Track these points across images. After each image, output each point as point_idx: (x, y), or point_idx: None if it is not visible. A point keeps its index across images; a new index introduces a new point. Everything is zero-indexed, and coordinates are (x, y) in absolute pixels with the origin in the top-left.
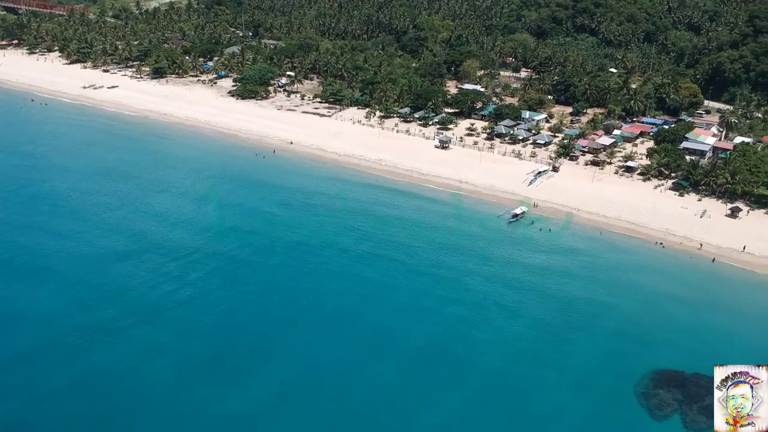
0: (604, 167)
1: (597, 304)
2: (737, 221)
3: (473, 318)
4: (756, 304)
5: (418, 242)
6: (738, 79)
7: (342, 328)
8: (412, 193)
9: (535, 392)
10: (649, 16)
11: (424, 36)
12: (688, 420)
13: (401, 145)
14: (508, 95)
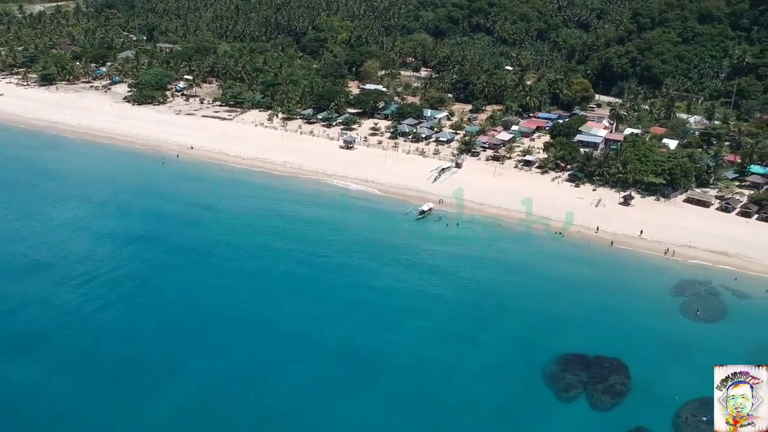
0: (504, 162)
1: (504, 294)
2: (630, 208)
3: (385, 316)
4: (652, 285)
5: (326, 242)
6: (625, 73)
7: (255, 330)
8: (319, 193)
9: (447, 383)
10: (540, 14)
11: (323, 37)
12: (593, 400)
13: (306, 147)
14: (409, 94)
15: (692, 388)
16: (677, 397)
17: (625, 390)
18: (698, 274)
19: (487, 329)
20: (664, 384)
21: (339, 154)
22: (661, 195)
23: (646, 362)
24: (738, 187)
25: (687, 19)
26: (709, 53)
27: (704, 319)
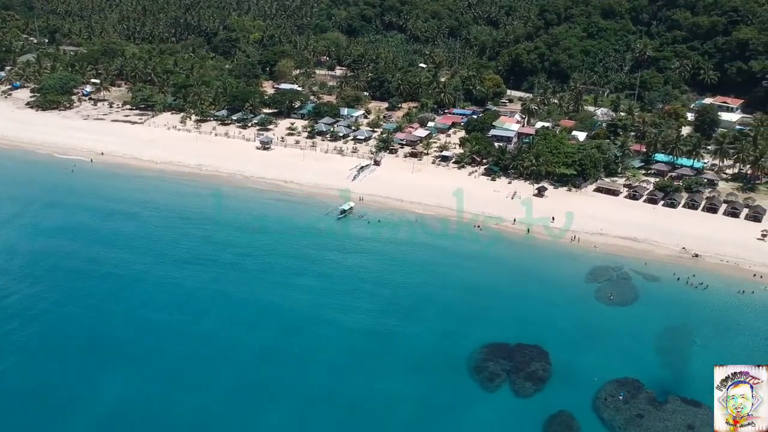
0: (422, 158)
1: (425, 288)
2: (544, 199)
3: (309, 316)
4: (568, 272)
5: (245, 246)
6: (535, 68)
7: (170, 339)
8: (237, 196)
9: (372, 379)
10: (451, 12)
11: (235, 37)
12: (516, 388)
13: (221, 149)
14: (325, 93)
15: (609, 369)
16: (596, 379)
17: (546, 375)
18: (610, 260)
19: (410, 324)
20: (583, 367)
21: (256, 155)
22: (573, 185)
23: (565, 347)
24: (644, 175)
25: (591, 15)
26: (612, 47)
27: (617, 303)
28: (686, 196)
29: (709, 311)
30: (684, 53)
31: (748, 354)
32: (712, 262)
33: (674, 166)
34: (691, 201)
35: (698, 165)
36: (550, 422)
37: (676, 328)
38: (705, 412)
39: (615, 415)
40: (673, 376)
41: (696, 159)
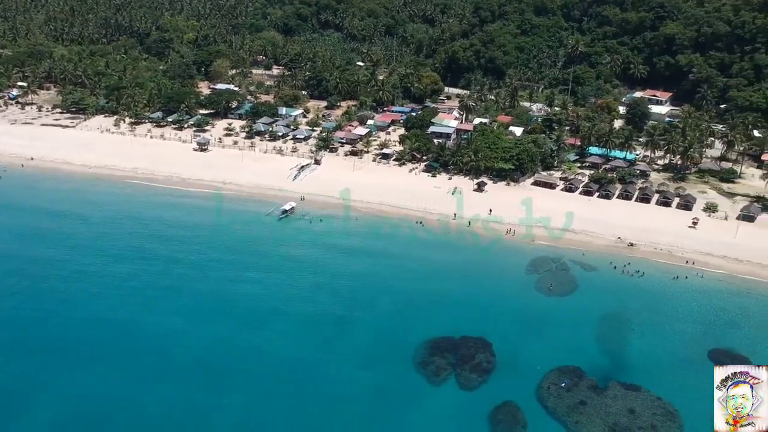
0: (362, 156)
1: (369, 286)
2: (484, 194)
3: (250, 317)
4: (509, 265)
5: (184, 249)
6: (471, 65)
7: (107, 345)
8: (174, 199)
9: (319, 379)
10: (387, 10)
11: (169, 37)
12: (462, 380)
13: (157, 151)
14: (262, 93)
15: (551, 358)
16: (539, 368)
17: (491, 367)
18: (550, 251)
19: (355, 321)
20: (526, 357)
21: (193, 157)
22: (511, 180)
23: (508, 338)
24: (579, 168)
25: (524, 12)
26: (546, 44)
27: (557, 293)
28: (620, 188)
29: (646, 298)
30: (614, 48)
31: (683, 339)
32: (646, 251)
33: (608, 159)
34: (625, 192)
35: (631, 157)
36: (496, 413)
37: (615, 315)
38: (644, 395)
39: (558, 403)
40: (613, 363)
41: (628, 151)
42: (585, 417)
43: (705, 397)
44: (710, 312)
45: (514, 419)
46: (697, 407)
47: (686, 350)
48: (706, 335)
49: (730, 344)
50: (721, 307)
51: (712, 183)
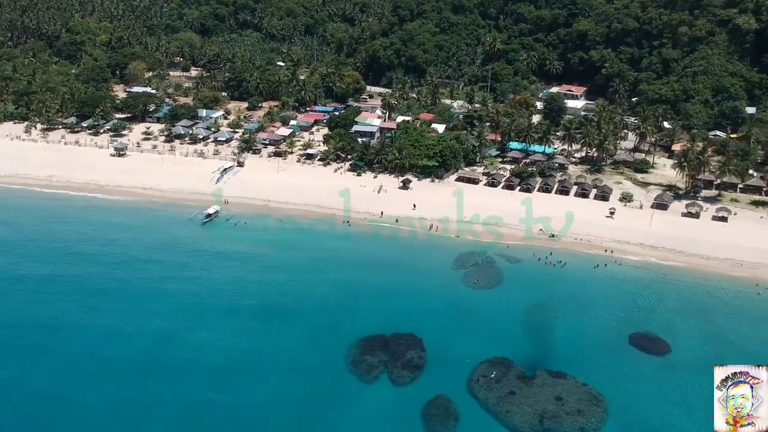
0: (286, 157)
1: (298, 287)
2: (409, 191)
3: (176, 326)
4: (437, 260)
5: (102, 259)
6: (392, 64)
7: (32, 361)
8: (92, 206)
9: (251, 382)
10: (306, 10)
11: (80, 40)
12: (394, 377)
13: (72, 158)
14: (181, 95)
15: (481, 350)
16: (468, 361)
17: (422, 363)
18: (476, 246)
19: (285, 323)
20: (456, 351)
21: (111, 163)
22: (436, 176)
23: (438, 333)
24: (501, 163)
25: (442, 10)
26: (464, 41)
27: (484, 286)
28: (540, 181)
29: (568, 287)
30: (530, 45)
31: (605, 325)
32: (567, 241)
33: (527, 153)
34: (545, 185)
35: (549, 151)
36: (429, 407)
37: (540, 305)
38: (570, 382)
39: (489, 394)
40: (539, 352)
41: (547, 145)
42: (515, 406)
43: (628, 380)
44: (629, 298)
45: (447, 413)
46: (621, 390)
47: (608, 336)
48: (626, 321)
49: (650, 328)
50: (640, 293)
51: (627, 174)
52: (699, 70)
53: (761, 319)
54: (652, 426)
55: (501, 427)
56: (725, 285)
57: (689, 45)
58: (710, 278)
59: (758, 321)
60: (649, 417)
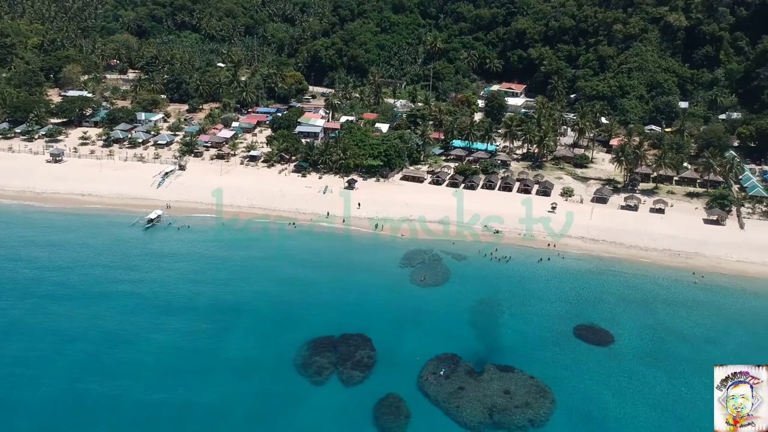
0: (229, 159)
1: (245, 290)
2: (355, 191)
3: (122, 332)
4: (384, 260)
5: (41, 264)
6: (334, 64)
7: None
8: (29, 215)
9: (199, 389)
10: (246, 10)
11: (11, 43)
12: (344, 378)
13: (5, 165)
14: (119, 98)
15: (430, 347)
16: (418, 359)
17: (372, 362)
18: (422, 243)
19: (232, 327)
20: (406, 349)
21: (47, 169)
22: (381, 176)
23: (387, 332)
24: (444, 161)
25: (383, 10)
26: (405, 41)
27: (431, 283)
28: (484, 178)
29: (514, 282)
30: (470, 44)
31: (550, 318)
32: (511, 237)
33: (470, 151)
34: (489, 182)
35: (492, 148)
36: (380, 406)
37: (486, 301)
38: (518, 375)
39: (439, 391)
40: (487, 347)
41: (489, 143)
42: (464, 401)
43: (573, 371)
44: (573, 291)
45: (398, 411)
46: (567, 382)
47: (554, 329)
48: (570, 313)
49: (593, 320)
50: (583, 286)
51: (567, 169)
52: (634, 67)
53: (698, 305)
54: (599, 415)
55: (451, 422)
56: (664, 274)
57: (624, 42)
58: (650, 268)
59: (696, 307)
60: (595, 406)
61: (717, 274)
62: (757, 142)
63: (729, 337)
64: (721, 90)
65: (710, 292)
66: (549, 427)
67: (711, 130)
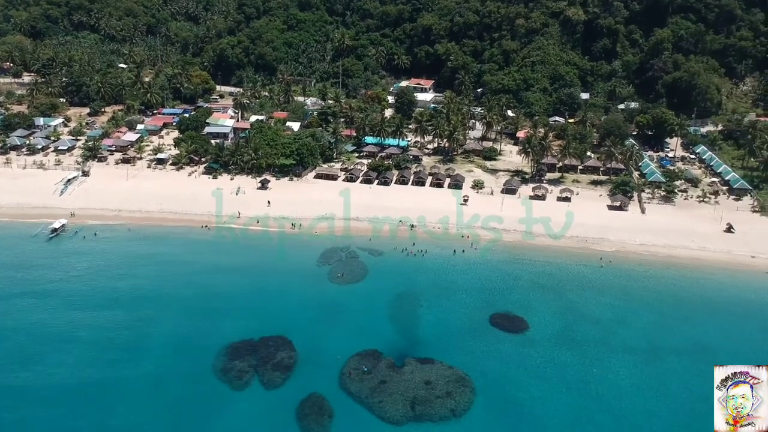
0: (135, 163)
1: (159, 297)
2: (268, 192)
3: (27, 348)
4: (301, 259)
5: None
6: (241, 62)
7: None
8: None
9: (115, 402)
10: (147, 9)
11: None
12: (265, 380)
13: None
14: (14, 103)
15: (350, 345)
16: (339, 356)
17: (292, 363)
18: (338, 241)
19: (146, 338)
20: (326, 348)
21: None
22: (294, 174)
23: (307, 332)
24: (357, 158)
25: (289, 7)
26: (313, 38)
27: (349, 281)
28: (397, 173)
29: (431, 275)
30: (378, 41)
31: (466, 308)
32: (427, 230)
33: (383, 147)
34: (402, 177)
35: (403, 143)
36: (302, 406)
37: (404, 295)
38: (438, 366)
39: (361, 387)
40: (407, 340)
41: (401, 138)
42: (387, 396)
43: (491, 359)
44: (488, 281)
45: (321, 410)
46: (486, 370)
47: (471, 319)
48: (486, 302)
49: (507, 308)
50: (497, 275)
51: (477, 162)
52: (537, 60)
53: (605, 288)
54: (517, 399)
55: (375, 418)
56: (572, 260)
57: (526, 36)
58: (559, 255)
59: (603, 290)
60: (514, 391)
61: (622, 258)
62: (654, 130)
63: (636, 317)
64: (619, 81)
65: (617, 275)
66: (470, 414)
67: (611, 119)
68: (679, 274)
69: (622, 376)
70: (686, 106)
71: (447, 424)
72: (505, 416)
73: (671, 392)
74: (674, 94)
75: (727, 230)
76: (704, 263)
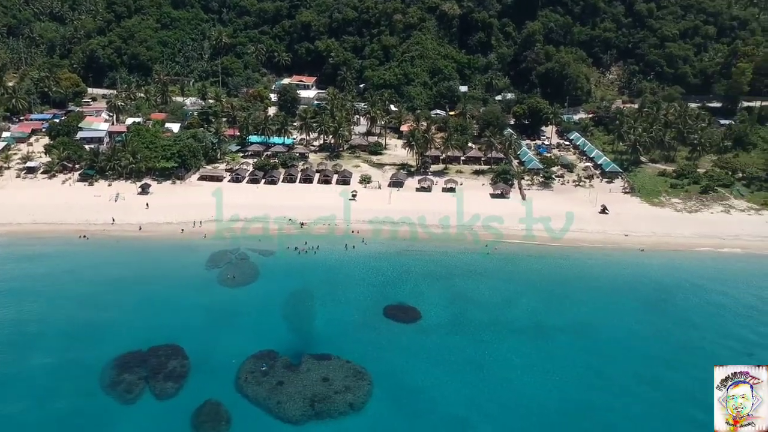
0: (2, 173)
1: (32, 315)
2: (149, 196)
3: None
4: (189, 264)
5: None
6: (113, 63)
7: None
8: None
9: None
10: (6, 9)
11: None
12: (157, 391)
13: None
14: None
15: (245, 347)
16: (234, 361)
17: (185, 371)
18: (228, 243)
19: (25, 357)
20: (220, 352)
21: None
22: (177, 177)
23: (198, 338)
24: (243, 157)
25: (162, 6)
26: (189, 36)
27: (240, 283)
28: (284, 172)
29: (323, 271)
30: (257, 38)
31: (360, 302)
32: (317, 227)
33: (268, 146)
34: (289, 175)
35: (289, 141)
36: (198, 414)
37: (298, 293)
38: (335, 362)
39: (258, 389)
40: (303, 338)
41: (286, 136)
42: (285, 396)
43: (387, 351)
44: (379, 273)
45: (217, 416)
46: (382, 361)
47: (365, 312)
48: (379, 295)
49: (400, 299)
50: (389, 267)
51: (364, 157)
52: (416, 55)
53: (492, 273)
54: (413, 388)
55: (274, 419)
56: (461, 249)
57: (405, 31)
58: (448, 245)
59: (490, 275)
60: (410, 380)
61: (507, 244)
62: (530, 119)
63: (522, 299)
64: (495, 73)
65: (502, 260)
66: (369, 406)
67: (489, 111)
68: (561, 254)
69: (513, 355)
70: (559, 95)
71: (346, 418)
72: (404, 404)
73: (558, 367)
74: (547, 84)
75: (601, 211)
76: (583, 244)
